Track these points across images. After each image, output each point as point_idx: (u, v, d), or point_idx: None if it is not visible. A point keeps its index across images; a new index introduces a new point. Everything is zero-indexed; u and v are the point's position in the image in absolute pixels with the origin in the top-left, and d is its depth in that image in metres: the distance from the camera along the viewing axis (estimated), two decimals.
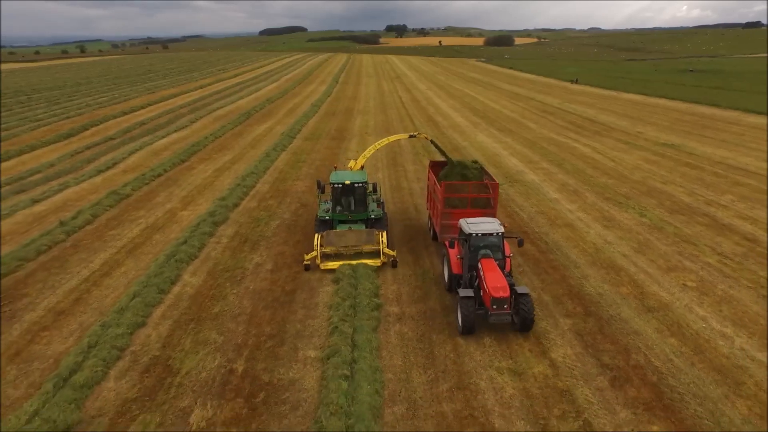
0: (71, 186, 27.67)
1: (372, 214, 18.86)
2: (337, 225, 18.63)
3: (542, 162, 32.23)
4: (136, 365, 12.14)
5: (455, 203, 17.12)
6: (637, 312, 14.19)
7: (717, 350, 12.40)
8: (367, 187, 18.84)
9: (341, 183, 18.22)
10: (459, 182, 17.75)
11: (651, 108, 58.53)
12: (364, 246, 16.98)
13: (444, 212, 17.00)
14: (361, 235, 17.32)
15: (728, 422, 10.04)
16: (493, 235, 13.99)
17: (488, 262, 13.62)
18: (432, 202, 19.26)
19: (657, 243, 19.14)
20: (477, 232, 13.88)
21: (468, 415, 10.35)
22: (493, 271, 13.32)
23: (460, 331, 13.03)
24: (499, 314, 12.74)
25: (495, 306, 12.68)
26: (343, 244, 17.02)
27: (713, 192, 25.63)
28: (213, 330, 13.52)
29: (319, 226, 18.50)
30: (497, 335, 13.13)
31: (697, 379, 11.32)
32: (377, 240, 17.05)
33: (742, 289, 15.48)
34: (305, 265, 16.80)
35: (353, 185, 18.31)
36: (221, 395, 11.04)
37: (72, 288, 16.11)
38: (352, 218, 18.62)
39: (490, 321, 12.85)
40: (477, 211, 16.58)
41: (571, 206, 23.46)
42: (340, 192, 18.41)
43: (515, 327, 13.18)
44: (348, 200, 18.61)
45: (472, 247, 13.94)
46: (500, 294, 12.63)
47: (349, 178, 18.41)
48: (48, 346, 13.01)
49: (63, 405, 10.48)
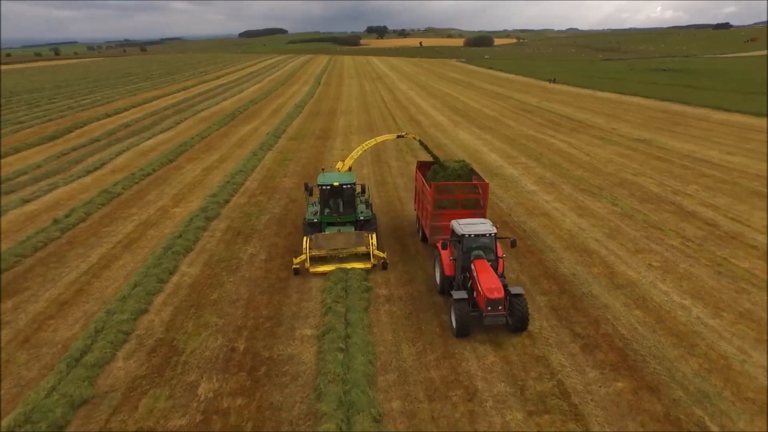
0: (61, 186, 28.04)
1: (361, 215, 18.63)
2: (325, 227, 18.31)
3: (521, 157, 33.57)
4: (142, 347, 12.91)
5: (445, 204, 16.94)
6: (606, 289, 15.43)
7: (676, 319, 13.68)
8: (355, 188, 18.61)
9: (329, 185, 17.95)
10: (448, 183, 17.54)
11: (625, 106, 60.56)
12: (354, 248, 16.82)
13: (434, 213, 16.80)
14: (351, 237, 17.12)
15: (681, 376, 11.30)
16: (485, 236, 13.84)
17: (481, 263, 13.45)
18: (420, 203, 19.00)
19: (627, 229, 20.49)
20: (470, 233, 13.68)
21: (453, 380, 11.40)
22: (487, 272, 13.15)
23: (455, 334, 12.91)
24: (494, 316, 12.59)
25: (489, 307, 12.52)
26: (332, 247, 16.78)
27: (680, 183, 27.18)
28: (213, 314, 14.36)
29: (308, 229, 18.13)
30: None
31: (658, 343, 12.56)
32: (367, 242, 16.87)
33: (701, 267, 16.85)
34: (294, 269, 16.49)
35: (341, 187, 18.06)
36: (225, 370, 11.91)
37: (72, 281, 16.74)
38: (340, 220, 18.36)
39: (485, 323, 12.70)
40: (467, 212, 16.43)
41: (548, 197, 24.76)
42: (328, 194, 18.18)
43: (509, 328, 13.02)
44: (336, 202, 18.42)
45: (464, 249, 13.77)
46: (495, 295, 12.48)
47: (337, 179, 18.20)
48: (55, 333, 13.68)
49: (77, 382, 11.23)
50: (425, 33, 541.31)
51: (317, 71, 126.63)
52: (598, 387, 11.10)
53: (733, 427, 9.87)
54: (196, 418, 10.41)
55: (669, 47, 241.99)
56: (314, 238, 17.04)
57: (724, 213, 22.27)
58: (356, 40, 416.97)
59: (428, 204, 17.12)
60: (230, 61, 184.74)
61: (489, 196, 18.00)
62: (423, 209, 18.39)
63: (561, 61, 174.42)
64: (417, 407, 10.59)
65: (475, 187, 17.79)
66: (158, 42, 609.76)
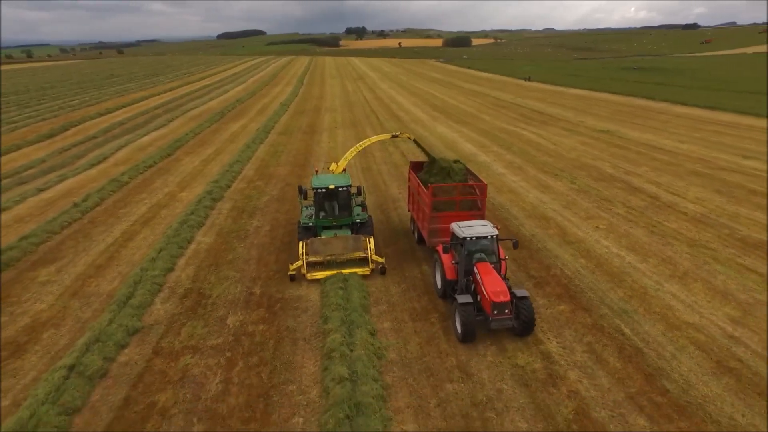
0: (70, 177, 30.27)
1: (357, 218, 18.09)
2: (321, 231, 17.78)
3: (493, 146, 36.81)
4: (174, 294, 15.59)
5: (443, 207, 16.57)
6: (558, 245, 18.59)
7: (611, 264, 16.89)
8: (351, 190, 18.02)
9: (324, 187, 17.31)
10: (446, 185, 16.98)
11: (594, 101, 64.46)
12: (351, 253, 16.45)
13: (431, 216, 16.33)
14: (348, 241, 16.58)
15: (609, 300, 14.51)
16: (487, 238, 13.58)
17: (484, 266, 13.18)
18: (415, 204, 18.39)
19: (581, 201, 23.75)
20: (471, 236, 13.39)
21: (432, 308, 14.37)
22: (491, 274, 12.87)
23: (460, 339, 12.59)
24: (501, 320, 12.29)
25: (496, 311, 12.25)
26: (329, 252, 16.31)
27: (632, 165, 30.65)
28: (230, 270, 17.09)
29: (303, 233, 17.52)
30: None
31: (595, 281, 15.73)
32: (365, 246, 16.47)
33: (639, 229, 20.14)
34: (290, 275, 16.04)
35: (337, 189, 17.43)
36: (247, 307, 14.68)
37: (102, 250, 19.27)
38: (336, 224, 17.86)
39: (491, 327, 12.35)
40: (465, 214, 16.16)
41: (515, 178, 27.96)
42: (322, 197, 17.57)
43: (515, 331, 12.74)
44: (331, 205, 17.86)
45: (466, 252, 13.51)
46: (501, 299, 12.23)
47: (333, 182, 17.54)
48: (98, 287, 16.26)
49: (127, 318, 13.88)
50: (404, 34, 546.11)
51: (299, 72, 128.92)
52: (545, 309, 14.17)
53: (639, 330, 13.02)
54: (229, 339, 13.17)
55: (641, 46, 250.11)
56: (310, 243, 16.47)
57: (666, 188, 25.70)
58: (335, 41, 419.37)
59: (425, 206, 16.61)
60: (212, 62, 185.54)
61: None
62: (419, 211, 17.76)
63: (537, 61, 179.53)
64: (403, 325, 13.53)
65: (473, 188, 17.38)
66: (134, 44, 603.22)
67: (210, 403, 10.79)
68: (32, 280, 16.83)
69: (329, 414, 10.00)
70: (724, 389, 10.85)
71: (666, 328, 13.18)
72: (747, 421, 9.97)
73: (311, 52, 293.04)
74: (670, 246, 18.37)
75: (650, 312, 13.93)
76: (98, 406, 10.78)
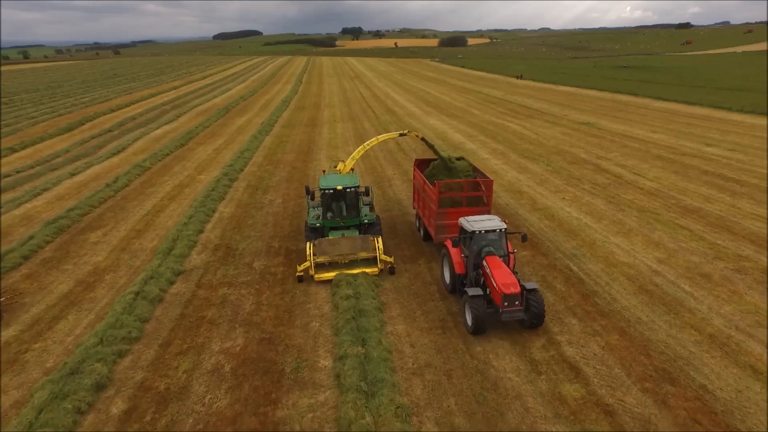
0: (95, 164, 33.48)
1: (365, 218, 17.91)
2: (328, 232, 17.68)
3: (480, 136, 40.18)
4: (207, 248, 18.86)
5: (449, 203, 16.65)
6: (528, 211, 21.95)
7: (570, 224, 20.26)
8: (359, 191, 17.81)
9: (332, 188, 17.12)
10: (453, 181, 17.11)
11: (581, 97, 67.85)
12: (359, 253, 16.26)
13: (438, 212, 16.44)
14: (356, 241, 16.45)
15: (564, 248, 17.90)
16: (495, 231, 13.69)
17: (493, 259, 13.27)
18: (421, 202, 18.54)
19: (553, 179, 27.11)
20: (480, 230, 13.55)
21: (419, 255, 17.68)
22: (500, 267, 12.95)
23: (471, 332, 12.67)
24: (511, 311, 12.36)
25: (506, 303, 12.32)
26: (337, 252, 16.11)
27: (604, 151, 34.03)
28: (251, 230, 20.39)
29: (310, 234, 17.40)
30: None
31: (554, 235, 19.09)
32: (373, 246, 16.35)
33: (599, 199, 23.50)
34: (298, 276, 15.93)
35: (345, 190, 17.26)
36: (268, 256, 17.96)
37: (139, 219, 22.51)
38: (344, 224, 17.73)
39: (502, 319, 12.44)
40: (471, 210, 16.29)
41: (497, 162, 31.33)
42: (330, 197, 17.42)
43: (525, 324, 12.84)
44: (339, 206, 17.70)
45: (475, 245, 13.64)
46: (511, 290, 12.30)
47: (341, 182, 17.41)
48: (142, 245, 19.50)
49: (172, 263, 17.13)
50: (400, 34, 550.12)
51: (297, 71, 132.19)
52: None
53: (584, 267, 16.38)
54: (256, 277, 16.45)
55: (634, 46, 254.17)
56: (318, 243, 16.36)
57: (630, 170, 29.08)
58: (332, 41, 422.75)
59: (432, 203, 16.72)
60: (211, 62, 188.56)
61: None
62: (425, 208, 17.84)
63: (531, 60, 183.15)
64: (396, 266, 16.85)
65: (479, 184, 17.44)
66: (130, 45, 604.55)
67: (247, 316, 14.07)
68: (85, 241, 20.07)
69: (339, 318, 13.30)
70: (639, 302, 14.20)
71: (605, 266, 16.54)
72: (649, 318, 13.33)
73: (308, 52, 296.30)
74: (622, 212, 21.74)
75: (595, 256, 17.29)
76: (161, 318, 14.05)
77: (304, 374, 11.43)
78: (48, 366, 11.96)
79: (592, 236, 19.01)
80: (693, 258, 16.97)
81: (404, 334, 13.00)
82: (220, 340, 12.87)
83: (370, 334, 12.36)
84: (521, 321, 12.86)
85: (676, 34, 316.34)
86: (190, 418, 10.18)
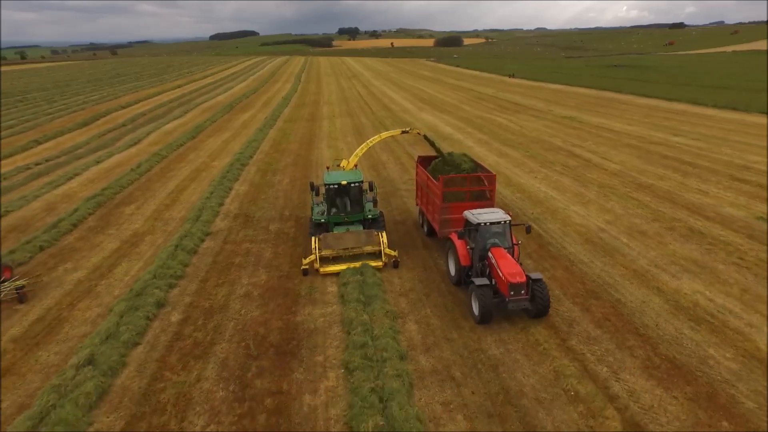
0: (115, 154, 36.76)
1: (369, 214, 18.36)
2: (333, 227, 18.04)
3: (468, 128, 43.64)
4: (228, 216, 22.22)
5: (453, 197, 16.99)
6: (503, 187, 25.37)
7: (538, 197, 23.72)
8: (362, 186, 18.18)
9: (336, 184, 17.62)
10: (456, 176, 17.41)
11: (568, 94, 71.28)
12: (363, 247, 16.66)
13: (442, 207, 16.82)
14: (360, 236, 16.90)
15: (530, 213, 21.33)
16: (500, 224, 14.05)
17: (498, 250, 13.60)
18: (424, 197, 18.93)
19: (529, 163, 30.55)
20: (485, 222, 13.88)
21: (416, 236, 21.06)
22: (505, 258, 13.30)
23: (477, 321, 12.96)
24: (517, 300, 12.65)
25: (512, 292, 12.59)
26: (341, 246, 16.54)
27: (580, 141, 37.48)
28: (265, 203, 23.78)
29: (314, 229, 17.90)
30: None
31: (522, 204, 22.57)
32: (377, 240, 16.71)
33: (566, 178, 26.94)
34: (303, 269, 16.27)
35: (348, 185, 17.79)
36: (281, 221, 21.35)
37: (165, 195, 25.84)
38: (348, 219, 18.15)
39: (508, 308, 12.74)
40: (475, 204, 16.49)
41: (481, 149, 34.78)
42: (334, 193, 17.89)
43: (530, 314, 13.14)
44: (343, 201, 18.16)
45: (480, 238, 13.96)
46: (517, 279, 12.60)
47: (345, 178, 17.87)
48: (172, 215, 22.84)
49: (201, 226, 20.46)
50: (397, 34, 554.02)
51: (296, 71, 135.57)
52: None
53: (544, 227, 19.79)
54: (272, 236, 19.82)
55: (628, 45, 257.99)
56: (323, 237, 16.78)
57: (599, 155, 32.53)
58: (329, 41, 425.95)
59: (436, 198, 17.10)
60: (210, 63, 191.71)
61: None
62: (429, 203, 18.33)
63: (525, 59, 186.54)
64: (393, 237, 20.21)
65: (482, 179, 17.90)
66: (127, 45, 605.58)
67: (267, 262, 17.45)
68: (122, 213, 23.39)
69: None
70: (583, 249, 17.65)
71: (562, 225, 19.98)
72: (589, 260, 16.79)
73: (305, 52, 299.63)
74: (584, 187, 25.18)
75: (555, 219, 20.73)
76: (198, 264, 17.42)
77: (315, 296, 14.85)
78: (115, 294, 15.31)
79: (555, 205, 22.44)
80: (635, 220, 20.42)
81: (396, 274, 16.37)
82: (248, 277, 16.25)
83: (366, 268, 15.74)
84: (527, 310, 13.19)
85: (669, 33, 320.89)
86: (231, 322, 13.56)
